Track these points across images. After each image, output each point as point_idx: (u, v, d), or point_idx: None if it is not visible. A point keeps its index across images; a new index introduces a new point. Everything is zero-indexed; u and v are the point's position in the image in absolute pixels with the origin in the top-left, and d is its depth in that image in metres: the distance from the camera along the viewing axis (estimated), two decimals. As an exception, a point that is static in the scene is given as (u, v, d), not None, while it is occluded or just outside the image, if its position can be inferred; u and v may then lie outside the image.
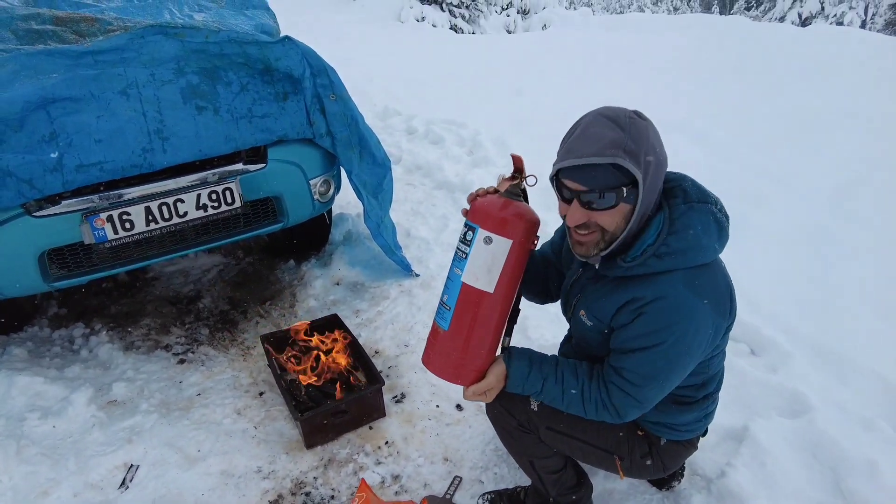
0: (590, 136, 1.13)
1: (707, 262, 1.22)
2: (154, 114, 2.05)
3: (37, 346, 2.52)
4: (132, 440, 1.99)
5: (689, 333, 1.19)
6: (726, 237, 1.25)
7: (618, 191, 1.13)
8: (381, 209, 2.86)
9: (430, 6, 12.84)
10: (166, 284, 3.08)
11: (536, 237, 1.34)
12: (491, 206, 1.29)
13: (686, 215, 1.21)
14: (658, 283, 1.20)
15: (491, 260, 1.27)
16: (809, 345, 2.32)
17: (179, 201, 2.16)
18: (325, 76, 2.44)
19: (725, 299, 1.25)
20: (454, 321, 1.34)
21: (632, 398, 1.26)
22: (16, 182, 1.83)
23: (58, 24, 2.37)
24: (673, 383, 1.28)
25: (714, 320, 1.22)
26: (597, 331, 1.35)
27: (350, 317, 2.71)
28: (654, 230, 1.21)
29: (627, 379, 1.26)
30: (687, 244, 1.19)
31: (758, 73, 5.99)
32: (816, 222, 3.16)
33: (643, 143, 1.12)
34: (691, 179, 1.28)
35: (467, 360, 1.36)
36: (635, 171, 1.10)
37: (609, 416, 1.31)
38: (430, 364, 1.42)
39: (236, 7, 3.13)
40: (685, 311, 1.18)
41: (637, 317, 1.21)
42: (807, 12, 24.82)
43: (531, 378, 1.35)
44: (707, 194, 1.26)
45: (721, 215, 1.25)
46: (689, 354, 1.23)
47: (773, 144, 4.25)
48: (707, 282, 1.21)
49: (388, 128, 5.47)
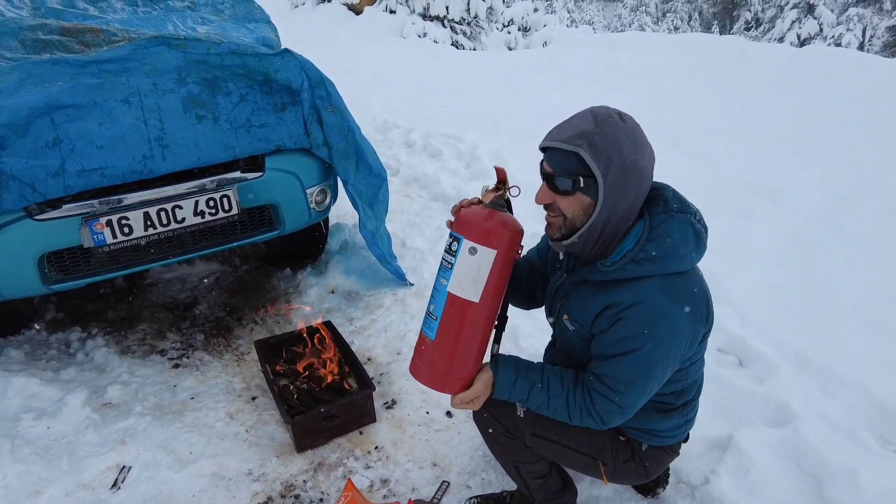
0: (568, 125, 1.22)
1: (684, 269, 1.26)
2: (155, 122, 2.10)
3: (34, 348, 2.55)
4: (125, 441, 2.02)
5: (667, 338, 1.23)
6: (704, 247, 1.30)
7: (574, 179, 1.20)
8: (377, 219, 2.91)
9: (431, 22, 13.01)
10: (163, 291, 3.11)
11: (521, 247, 1.37)
12: (475, 216, 1.32)
13: (665, 224, 1.25)
14: (636, 288, 1.24)
15: (476, 270, 1.30)
16: (796, 357, 2.35)
17: (178, 207, 2.21)
18: (322, 88, 2.50)
19: (702, 306, 1.29)
20: (441, 331, 1.36)
21: (614, 404, 1.29)
22: (19, 186, 1.88)
23: (64, 35, 2.43)
24: (653, 388, 1.31)
25: (691, 326, 1.26)
26: (579, 336, 1.38)
27: (344, 324, 2.75)
28: (633, 236, 1.26)
29: (609, 385, 1.29)
30: (665, 251, 1.23)
31: (753, 91, 6.08)
32: (807, 236, 3.20)
33: (609, 142, 1.17)
34: (673, 190, 1.33)
35: (454, 369, 1.38)
36: (592, 165, 1.17)
37: (593, 422, 1.34)
38: (418, 373, 1.44)
39: (238, 20, 3.21)
40: (662, 316, 1.22)
41: (616, 322, 1.25)
42: (805, 33, 25.15)
43: (518, 386, 1.38)
44: (687, 205, 1.31)
45: (700, 226, 1.29)
46: (667, 359, 1.26)
47: (766, 160, 4.31)
48: (684, 289, 1.25)
49: (387, 140, 5.54)
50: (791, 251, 3.11)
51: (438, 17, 13.09)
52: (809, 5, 25.81)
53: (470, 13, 13.09)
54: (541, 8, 17.88)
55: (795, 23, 26.01)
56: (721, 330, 2.50)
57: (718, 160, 4.41)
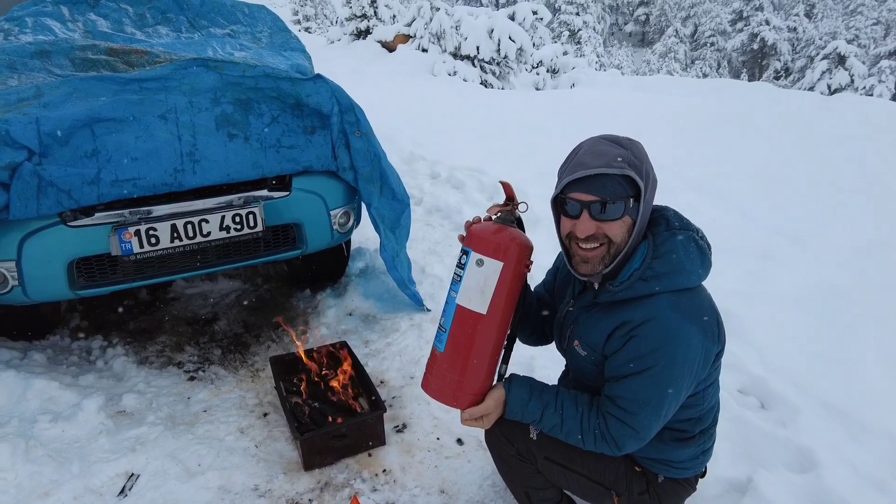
0: (597, 152, 1.23)
1: (691, 286, 1.27)
2: (188, 138, 2.18)
3: (56, 353, 2.61)
4: (136, 449, 2.03)
5: (679, 356, 1.21)
6: (709, 263, 1.31)
7: (626, 201, 1.21)
8: (398, 244, 2.94)
9: (462, 61, 13.35)
10: (185, 305, 3.17)
11: (530, 261, 1.39)
12: (483, 230, 1.36)
13: (669, 241, 1.27)
14: (646, 306, 1.24)
15: (483, 281, 1.32)
16: (820, 401, 2.27)
17: (204, 221, 2.27)
18: (352, 113, 2.57)
19: (713, 323, 1.28)
20: (449, 342, 1.37)
21: (628, 427, 1.27)
22: (56, 192, 1.97)
23: (111, 55, 2.57)
24: (668, 410, 1.28)
25: (703, 344, 1.24)
26: (591, 361, 1.37)
27: (359, 346, 2.75)
28: (639, 256, 1.27)
29: (622, 407, 1.27)
30: (671, 267, 1.24)
31: (781, 137, 6.05)
32: (833, 282, 3.13)
33: (644, 159, 1.23)
34: (673, 210, 1.36)
35: (464, 381, 1.38)
36: (640, 182, 1.20)
37: (607, 447, 1.31)
38: (428, 387, 1.44)
39: (275, 48, 3.35)
40: (673, 333, 1.21)
41: (628, 341, 1.25)
42: (836, 84, 25.08)
43: (531, 406, 1.36)
44: (688, 223, 1.33)
45: (703, 242, 1.31)
46: (681, 378, 1.24)
47: (793, 205, 4.26)
48: (693, 305, 1.25)
49: (412, 171, 5.63)
50: (816, 296, 3.04)
51: (469, 56, 13.43)
52: (840, 56, 25.82)
53: (500, 53, 13.40)
54: (570, 51, 18.23)
55: (826, 73, 25.99)
56: (742, 370, 2.44)
57: (743, 203, 4.37)
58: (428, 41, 14.01)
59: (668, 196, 3.99)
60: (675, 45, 40.59)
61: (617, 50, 43.48)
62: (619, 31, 52.73)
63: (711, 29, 41.99)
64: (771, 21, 37.10)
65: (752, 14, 39.12)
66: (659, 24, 49.85)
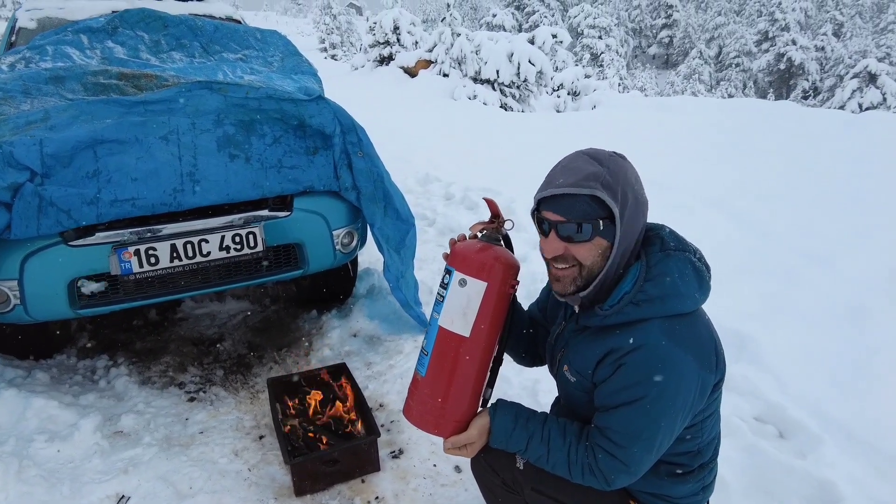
0: (569, 169, 1.15)
1: (686, 311, 1.17)
2: (189, 158, 2.20)
3: (60, 373, 2.63)
4: (128, 471, 2.01)
5: (672, 386, 1.13)
6: (707, 287, 1.22)
7: (594, 223, 1.13)
8: (403, 264, 2.90)
9: (482, 85, 13.46)
10: (192, 325, 3.18)
11: (516, 282, 1.31)
12: (467, 249, 1.29)
13: (663, 262, 1.19)
14: (636, 332, 1.16)
15: (466, 302, 1.25)
16: (843, 431, 2.13)
17: (204, 241, 2.28)
18: (354, 134, 2.58)
19: (710, 352, 1.18)
20: (431, 366, 1.30)
21: (618, 461, 1.18)
22: (56, 212, 1.99)
23: (121, 79, 2.62)
24: (661, 445, 1.19)
25: (699, 374, 1.15)
26: (581, 388, 1.30)
27: (361, 368, 2.71)
28: (631, 278, 1.19)
29: (612, 440, 1.19)
30: (664, 291, 1.16)
31: (805, 155, 5.89)
32: (858, 305, 2.98)
33: (621, 178, 1.14)
34: (670, 229, 1.27)
35: (446, 408, 1.31)
36: (612, 203, 1.11)
37: (596, 481, 1.23)
38: (409, 413, 1.37)
39: (286, 72, 3.39)
40: (665, 361, 1.12)
41: (617, 369, 1.17)
42: (868, 103, 24.53)
43: (515, 435, 1.29)
44: (685, 243, 1.25)
45: (700, 264, 1.22)
46: (674, 410, 1.15)
47: (817, 225, 4.11)
48: (687, 332, 1.16)
49: (426, 193, 5.63)
50: (840, 319, 2.90)
51: (489, 80, 13.54)
52: (871, 75, 25.30)
53: (520, 77, 13.48)
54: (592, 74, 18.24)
55: (857, 92, 25.46)
56: (758, 396, 2.32)
57: (764, 223, 4.24)
58: (449, 66, 14.19)
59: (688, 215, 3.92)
60: (699, 66, 40.35)
61: (640, 72, 43.42)
62: (643, 53, 52.74)
63: (736, 50, 41.67)
64: (798, 41, 36.66)
65: (778, 34, 38.75)
66: (683, 46, 49.71)
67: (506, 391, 2.41)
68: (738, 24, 45.07)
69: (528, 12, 41.13)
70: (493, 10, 23.14)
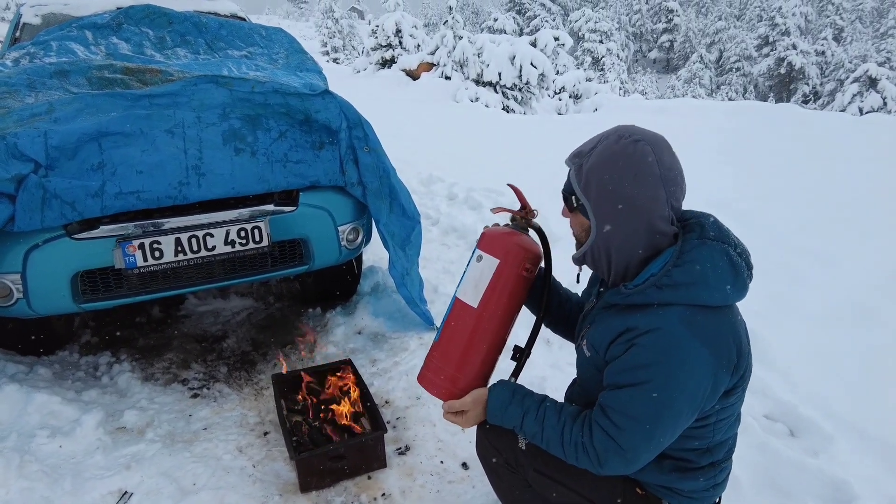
0: (585, 141, 1.24)
1: (713, 304, 1.14)
2: (194, 151, 2.19)
3: (63, 368, 2.60)
4: (131, 467, 1.98)
5: (680, 377, 1.10)
6: (743, 284, 1.17)
7: (567, 197, 1.25)
8: (408, 261, 2.88)
9: (484, 88, 13.47)
10: (196, 322, 3.15)
11: (530, 266, 1.38)
12: (493, 231, 1.42)
13: (696, 250, 1.16)
14: (654, 315, 1.13)
15: (478, 275, 1.36)
16: (855, 429, 2.11)
17: (209, 235, 2.25)
18: (360, 129, 2.56)
19: (730, 351, 1.14)
20: (443, 332, 1.43)
21: (614, 442, 1.15)
22: (60, 204, 1.97)
23: (126, 74, 2.61)
24: (662, 435, 1.14)
25: (713, 370, 1.11)
26: (593, 363, 1.27)
27: (366, 365, 2.68)
28: (661, 261, 1.17)
29: (612, 419, 1.16)
30: (690, 278, 1.12)
31: (808, 157, 5.88)
32: (865, 303, 2.96)
33: (598, 164, 1.18)
34: (714, 218, 1.24)
35: (446, 370, 1.40)
36: (575, 185, 1.21)
37: (589, 461, 1.20)
38: (421, 377, 1.47)
39: (290, 69, 3.38)
40: (678, 349, 1.09)
41: (628, 349, 1.15)
42: (868, 107, 24.54)
43: (511, 410, 1.31)
44: (727, 234, 1.21)
45: (739, 259, 1.17)
46: (679, 402, 1.11)
47: (822, 226, 4.09)
48: (708, 325, 1.12)
49: (430, 193, 5.62)
50: (846, 318, 2.88)
51: (491, 82, 13.55)
52: (871, 79, 25.33)
53: (522, 79, 13.49)
54: (593, 78, 18.26)
55: (857, 96, 25.48)
56: (768, 395, 2.29)
57: (767, 224, 4.22)
58: (451, 69, 14.22)
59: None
60: (700, 70, 40.42)
61: (641, 76, 43.49)
62: (644, 57, 52.85)
63: (737, 54, 41.75)
64: (798, 45, 36.72)
65: (779, 39, 38.81)
66: (683, 51, 49.82)
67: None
68: (739, 28, 45.19)
69: (529, 16, 41.26)
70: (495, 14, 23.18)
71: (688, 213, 1.26)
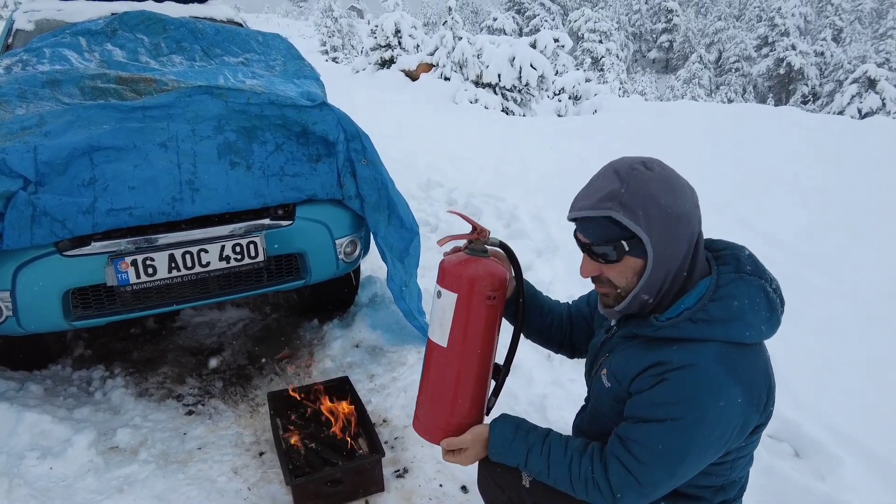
0: (590, 189, 1.12)
1: (748, 342, 1.09)
2: (188, 166, 2.14)
3: (55, 384, 2.55)
4: (123, 490, 1.94)
5: (712, 416, 1.05)
6: (776, 322, 1.13)
7: (617, 245, 1.10)
8: (407, 273, 2.84)
9: (483, 89, 13.40)
10: (191, 335, 3.11)
11: (493, 293, 1.26)
12: (447, 262, 1.29)
13: (734, 284, 1.12)
14: (688, 351, 1.09)
15: (441, 313, 1.27)
16: (863, 450, 2.07)
17: (203, 251, 2.21)
18: (358, 141, 2.51)
19: (762, 391, 1.10)
20: (423, 374, 1.35)
21: (633, 478, 1.11)
22: (50, 221, 1.93)
23: (120, 84, 2.56)
24: (683, 474, 1.11)
25: (745, 411, 1.07)
26: (613, 395, 1.23)
27: (364, 381, 2.64)
28: (696, 294, 1.13)
29: (633, 453, 1.11)
30: (728, 314, 1.08)
31: (808, 161, 5.84)
32: (870, 314, 2.92)
33: (641, 195, 1.07)
34: (749, 252, 1.19)
35: (434, 415, 1.33)
36: (630, 224, 1.07)
37: (601, 497, 1.15)
38: (415, 422, 1.40)
39: (288, 76, 3.33)
40: (713, 387, 1.05)
41: (658, 382, 1.10)
42: (867, 108, 24.53)
43: (514, 446, 1.25)
44: (763, 270, 1.17)
45: (775, 295, 1.13)
46: (707, 441, 1.07)
47: (823, 232, 4.05)
48: (744, 364, 1.08)
49: (429, 198, 5.56)
50: (850, 329, 2.84)
51: (490, 84, 13.49)
52: (871, 80, 25.31)
53: (521, 81, 13.43)
54: (593, 78, 18.21)
55: (856, 97, 25.47)
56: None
57: (768, 228, 4.18)
58: (450, 69, 14.15)
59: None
60: (699, 70, 40.39)
61: (640, 76, 43.45)
62: (643, 57, 52.82)
63: (736, 55, 41.73)
64: (797, 46, 36.71)
65: (778, 39, 38.80)
66: (683, 51, 49.79)
67: (513, 406, 2.35)
68: (738, 28, 45.17)
69: (528, 16, 41.20)
70: (494, 14, 23.13)
71: (719, 244, 1.22)
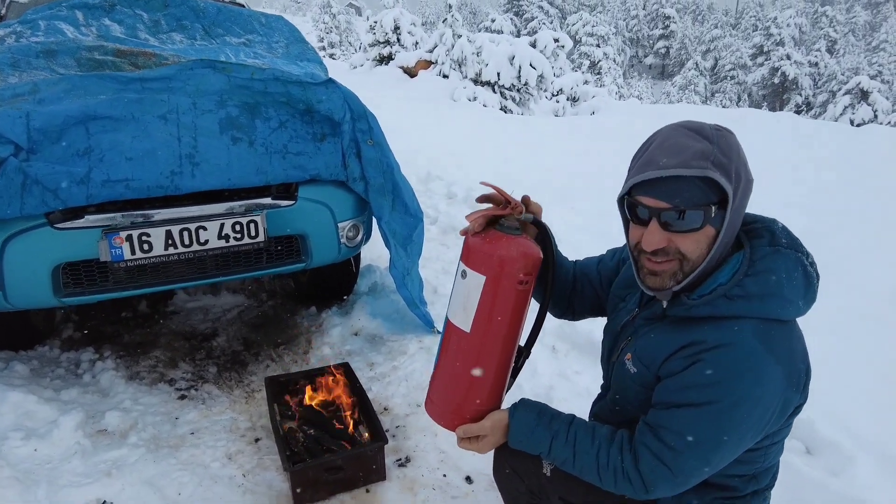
0: (672, 147, 0.99)
1: (785, 318, 1.03)
2: (189, 139, 2.05)
3: (42, 365, 2.46)
4: (111, 474, 1.85)
5: (752, 398, 0.98)
6: (813, 297, 1.07)
7: (706, 209, 0.99)
8: (409, 260, 2.77)
9: (482, 87, 13.35)
10: (185, 319, 3.02)
11: (526, 276, 1.13)
12: (473, 239, 1.16)
13: (770, 258, 1.05)
14: (725, 329, 1.02)
15: (465, 295, 1.14)
16: (877, 448, 2.02)
17: (202, 228, 2.12)
18: (364, 121, 2.44)
19: (801, 371, 1.04)
20: (440, 358, 1.25)
21: (665, 467, 1.03)
22: (41, 191, 1.83)
23: (118, 56, 2.47)
24: (719, 461, 1.05)
25: (785, 391, 1.01)
26: (640, 381, 1.15)
27: (363, 369, 2.56)
28: (729, 269, 1.06)
29: (665, 441, 1.04)
30: (766, 290, 1.01)
31: (806, 166, 5.84)
32: (876, 316, 2.89)
33: (733, 156, 0.99)
34: (782, 224, 1.12)
35: (452, 401, 1.23)
36: (727, 185, 0.96)
37: (631, 487, 1.08)
38: (427, 403, 1.30)
39: (290, 58, 3.25)
40: (752, 367, 0.98)
41: (692, 364, 1.02)
42: (859, 119, 24.72)
43: (537, 434, 1.16)
44: (799, 243, 1.10)
45: (812, 269, 1.07)
46: (746, 426, 1.01)
47: (823, 235, 4.02)
48: (783, 342, 1.02)
49: (428, 191, 5.50)
50: (858, 330, 2.80)
51: (489, 82, 13.44)
52: (863, 92, 25.53)
53: (520, 80, 13.40)
54: (590, 81, 18.22)
55: (849, 108, 25.68)
56: (785, 410, 2.20)
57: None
58: (449, 67, 14.09)
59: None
60: (694, 77, 40.58)
61: (637, 81, 43.63)
62: (640, 63, 53.05)
63: (732, 63, 41.97)
64: (792, 56, 36.96)
65: (773, 49, 39.05)
66: (679, 58, 50.05)
67: (517, 398, 2.28)
68: (734, 37, 45.49)
69: (526, 18, 41.25)
70: (492, 16, 23.03)
71: (748, 217, 1.14)
